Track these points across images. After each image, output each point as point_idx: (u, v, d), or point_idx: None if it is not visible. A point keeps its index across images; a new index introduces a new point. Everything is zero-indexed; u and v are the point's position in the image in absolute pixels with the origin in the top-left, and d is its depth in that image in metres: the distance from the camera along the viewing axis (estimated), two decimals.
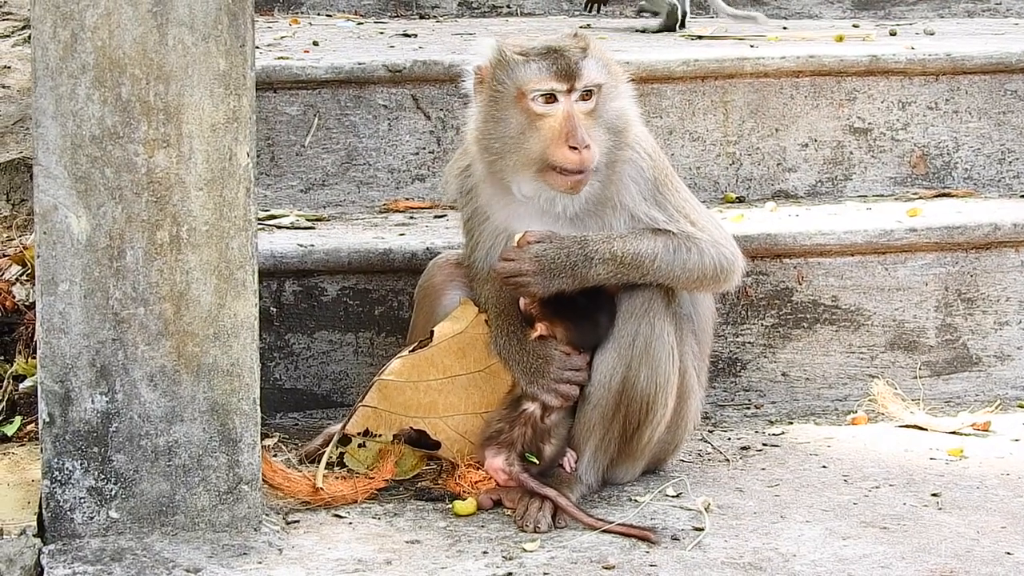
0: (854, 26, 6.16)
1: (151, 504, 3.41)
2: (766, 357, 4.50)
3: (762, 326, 4.49)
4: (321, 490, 3.64)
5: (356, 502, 3.66)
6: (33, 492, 3.55)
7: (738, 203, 4.94)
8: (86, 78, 3.30)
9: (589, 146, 3.58)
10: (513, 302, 3.77)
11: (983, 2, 6.71)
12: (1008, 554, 3.45)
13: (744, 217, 4.68)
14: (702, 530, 3.54)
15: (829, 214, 4.74)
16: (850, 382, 4.53)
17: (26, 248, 4.46)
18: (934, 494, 3.80)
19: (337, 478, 3.70)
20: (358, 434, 3.78)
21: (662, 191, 3.72)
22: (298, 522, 3.56)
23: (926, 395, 4.47)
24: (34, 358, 3.71)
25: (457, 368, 3.80)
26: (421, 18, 6.48)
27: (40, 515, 3.43)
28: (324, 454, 3.73)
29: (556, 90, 3.62)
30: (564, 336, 3.71)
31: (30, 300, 4.26)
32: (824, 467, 3.98)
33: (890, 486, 3.85)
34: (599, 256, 3.63)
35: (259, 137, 4.71)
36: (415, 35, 5.77)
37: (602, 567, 3.34)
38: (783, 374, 4.51)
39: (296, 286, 4.31)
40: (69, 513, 3.39)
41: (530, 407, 3.70)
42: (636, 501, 3.72)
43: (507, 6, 6.63)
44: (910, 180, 5.09)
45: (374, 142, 4.86)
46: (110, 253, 3.35)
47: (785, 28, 6.06)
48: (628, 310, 3.66)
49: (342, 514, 3.61)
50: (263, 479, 3.52)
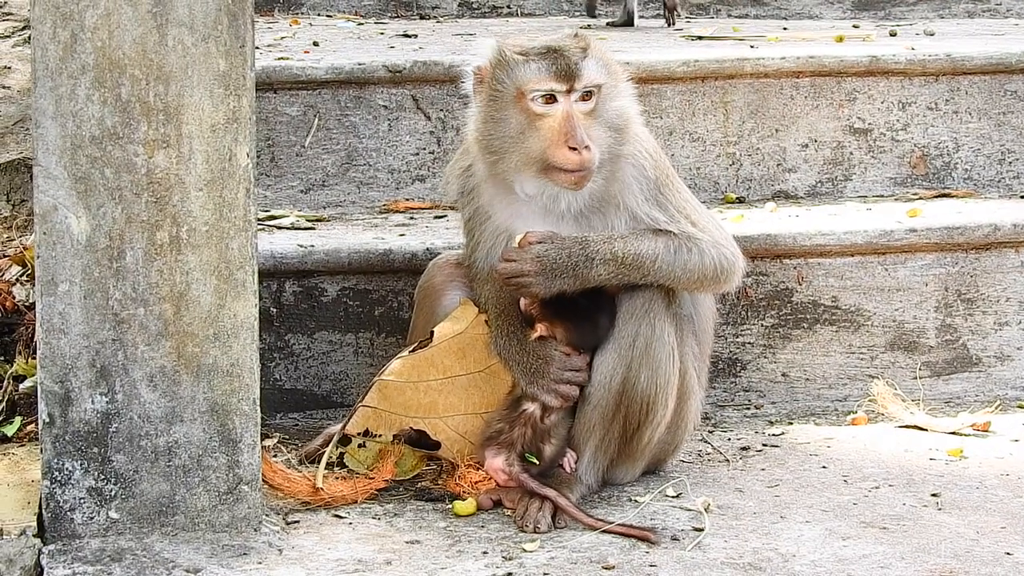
0: (854, 26, 6.16)
1: (151, 504, 3.41)
2: (766, 357, 4.49)
3: (762, 326, 4.49)
4: (321, 490, 3.64)
5: (356, 502, 3.66)
6: (33, 492, 3.55)
7: (738, 203, 4.93)
8: (86, 78, 3.30)
9: (589, 147, 3.58)
10: (513, 302, 3.76)
11: (983, 2, 6.71)
12: (1008, 554, 3.45)
13: (744, 217, 4.68)
14: (702, 530, 3.54)
15: (829, 214, 4.74)
16: (850, 382, 4.53)
17: (26, 248, 4.45)
18: (934, 494, 3.80)
19: (337, 478, 3.70)
20: (358, 434, 3.78)
21: (663, 191, 3.72)
22: (298, 522, 3.56)
23: (926, 395, 4.47)
24: (34, 358, 3.70)
25: (457, 368, 3.79)
26: (421, 18, 6.49)
27: (40, 515, 3.42)
28: (324, 454, 3.73)
29: (555, 90, 3.62)
30: (564, 337, 3.71)
31: (30, 300, 4.26)
32: (824, 467, 3.98)
33: (890, 486, 3.85)
34: (600, 257, 3.63)
35: (259, 137, 4.71)
36: (415, 35, 5.77)
37: (602, 567, 3.34)
38: (783, 374, 4.50)
39: (296, 286, 4.31)
40: (69, 513, 3.39)
41: (530, 407, 3.70)
42: (636, 501, 3.72)
43: (507, 6, 6.64)
44: (910, 180, 5.09)
45: (374, 142, 4.86)
46: (110, 254, 3.35)
47: (785, 28, 6.07)
48: (628, 311, 3.66)
49: (342, 514, 3.61)
50: (263, 479, 3.51)
